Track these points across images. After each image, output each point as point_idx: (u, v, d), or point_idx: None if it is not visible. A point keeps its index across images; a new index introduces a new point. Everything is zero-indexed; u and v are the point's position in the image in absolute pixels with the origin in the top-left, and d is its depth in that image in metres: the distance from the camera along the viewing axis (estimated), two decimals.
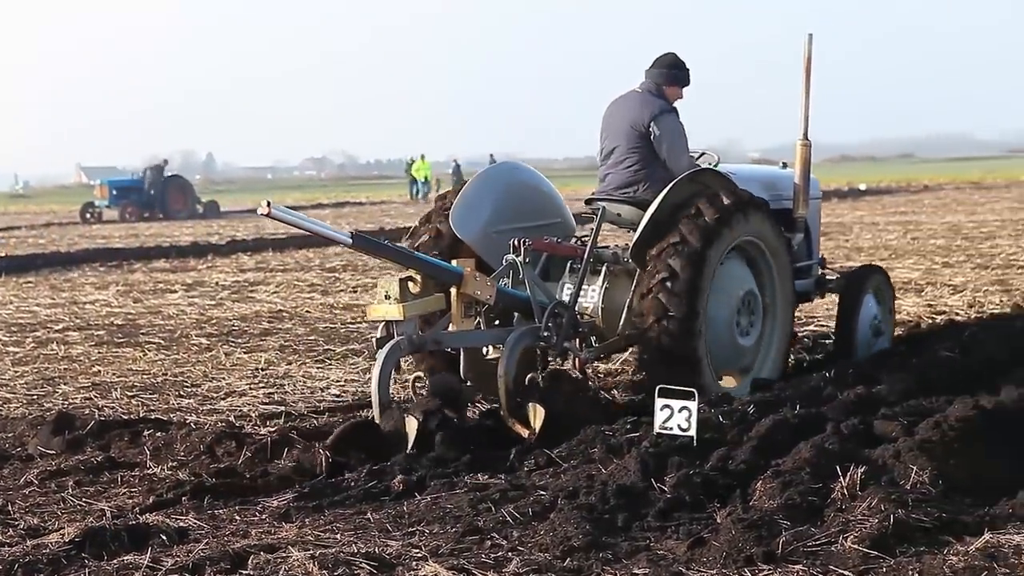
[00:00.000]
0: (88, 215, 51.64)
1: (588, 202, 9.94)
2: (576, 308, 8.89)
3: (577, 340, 8.88)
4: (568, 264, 9.55)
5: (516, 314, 8.90)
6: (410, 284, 8.18)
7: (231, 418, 9.24)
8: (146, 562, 5.68)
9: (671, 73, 9.71)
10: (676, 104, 9.76)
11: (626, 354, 10.16)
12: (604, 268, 9.49)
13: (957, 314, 13.50)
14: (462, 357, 8.49)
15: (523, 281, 8.75)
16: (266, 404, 9.81)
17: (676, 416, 7.19)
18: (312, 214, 50.38)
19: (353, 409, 9.46)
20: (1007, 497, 6.24)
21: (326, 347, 12.66)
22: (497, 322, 8.93)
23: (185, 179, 54.99)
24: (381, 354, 7.99)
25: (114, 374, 11.50)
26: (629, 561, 5.60)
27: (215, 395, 10.29)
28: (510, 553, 5.78)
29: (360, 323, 14.43)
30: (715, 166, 9.82)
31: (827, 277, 10.95)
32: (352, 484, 7.09)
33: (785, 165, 10.96)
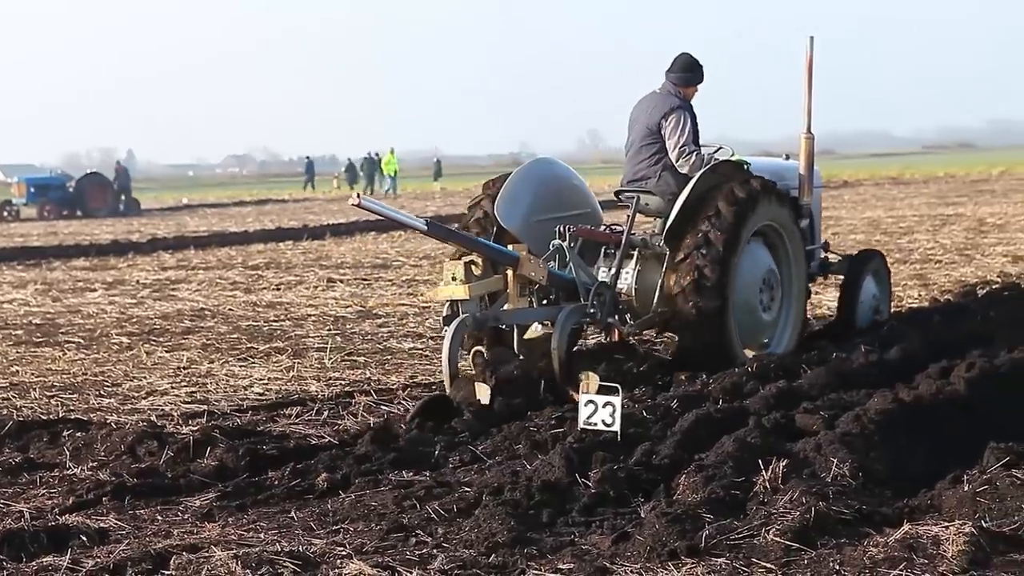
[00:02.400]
0: (5, 213, 50.91)
1: (617, 194, 10.80)
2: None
3: (616, 316, 9.95)
4: (602, 249, 10.41)
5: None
6: (472, 267, 9.12)
7: (152, 417, 9.13)
8: (66, 563, 5.61)
9: (683, 76, 10.60)
10: (693, 100, 10.60)
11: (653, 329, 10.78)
12: (636, 252, 10.33)
13: None
14: (515, 333, 9.38)
15: (568, 264, 9.74)
16: (188, 403, 9.71)
17: (600, 411, 7.23)
18: (234, 212, 50.13)
19: (278, 407, 9.38)
20: (925, 489, 6.33)
21: (249, 345, 12.57)
22: (545, 301, 9.75)
23: (105, 176, 54.28)
24: (449, 330, 8.86)
25: (33, 374, 11.34)
26: (554, 556, 5.61)
27: (136, 394, 10.18)
28: (435, 550, 5.77)
29: (284, 321, 14.36)
30: (731, 158, 10.59)
31: (830, 260, 11.83)
32: (275, 483, 7.06)
33: (788, 157, 11.90)
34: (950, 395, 8.01)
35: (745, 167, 10.51)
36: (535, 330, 9.83)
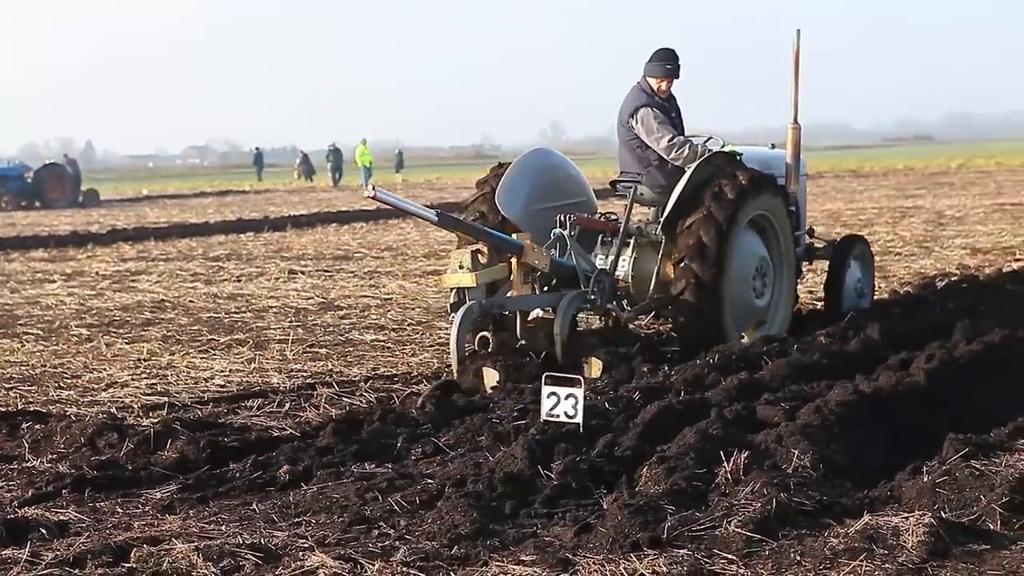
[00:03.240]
0: None
1: (613, 183, 11.15)
2: None
3: (615, 302, 10.36)
4: (599, 237, 10.79)
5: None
6: (479, 256, 9.52)
7: (113, 409, 9.08)
8: (25, 556, 5.58)
9: (656, 67, 10.88)
10: (669, 90, 10.94)
11: (649, 317, 11.26)
12: (632, 240, 10.74)
13: None
14: (518, 319, 9.76)
15: (568, 252, 10.13)
16: (149, 395, 9.66)
17: (563, 403, 7.22)
18: (194, 203, 49.88)
19: (239, 399, 9.34)
20: (885, 480, 6.37)
21: (210, 337, 12.51)
22: (546, 288, 10.12)
23: (63, 167, 53.88)
24: (457, 317, 9.29)
25: None
26: (516, 548, 5.61)
27: (96, 386, 10.11)
28: (397, 542, 5.77)
29: (245, 312, 14.30)
30: (722, 148, 10.92)
31: (816, 245, 12.18)
32: (237, 475, 7.04)
33: (773, 146, 12.18)
34: (910, 386, 8.05)
35: (738, 157, 10.77)
36: (535, 315, 10.20)
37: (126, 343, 12.28)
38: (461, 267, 9.47)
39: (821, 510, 5.88)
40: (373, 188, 9.28)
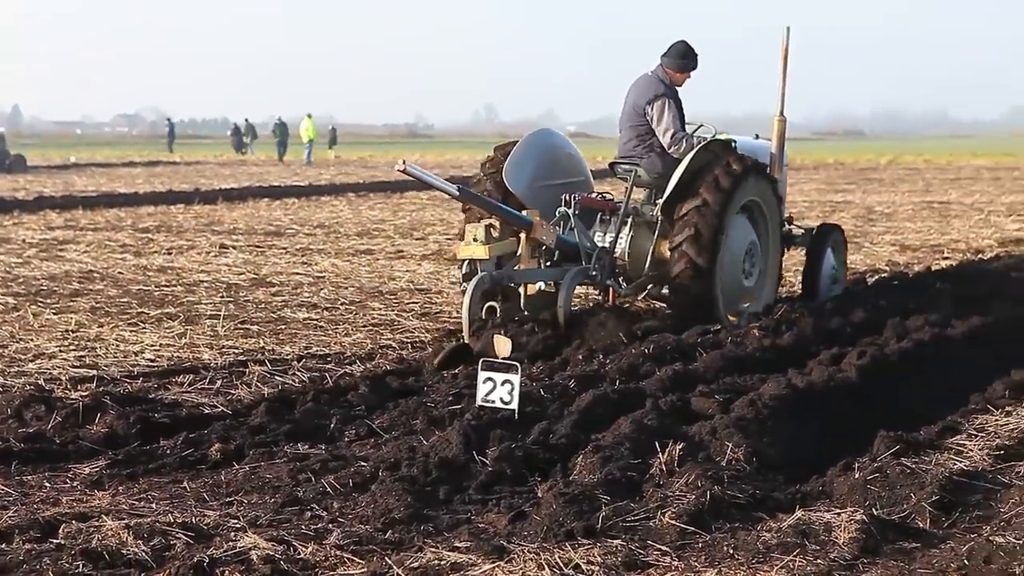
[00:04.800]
0: None
1: (611, 165, 11.78)
2: None
3: (613, 279, 10.99)
4: (598, 215, 11.39)
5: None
6: (491, 230, 10.10)
7: (40, 381, 8.92)
8: None
9: (676, 62, 11.52)
10: (685, 84, 11.58)
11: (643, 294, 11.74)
12: (630, 220, 11.32)
13: None
14: (522, 291, 10.35)
15: (572, 229, 10.80)
16: (77, 367, 9.51)
17: (499, 389, 7.22)
18: (123, 172, 49.28)
19: (169, 374, 9.23)
20: (817, 475, 6.42)
21: (140, 310, 12.36)
22: (549, 263, 10.67)
23: None
24: (470, 286, 9.85)
25: None
26: (451, 534, 5.59)
27: (23, 357, 9.94)
28: (331, 524, 5.73)
29: (175, 286, 14.15)
30: (715, 136, 11.50)
31: (794, 232, 12.64)
32: (167, 452, 6.96)
33: (758, 136, 12.73)
34: (841, 382, 8.14)
35: (732, 145, 11.39)
36: (537, 288, 10.73)
37: (53, 313, 12.10)
38: (475, 240, 10.06)
39: (754, 504, 5.93)
40: (403, 162, 9.72)
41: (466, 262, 10.29)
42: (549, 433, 6.94)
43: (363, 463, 6.62)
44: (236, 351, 10.22)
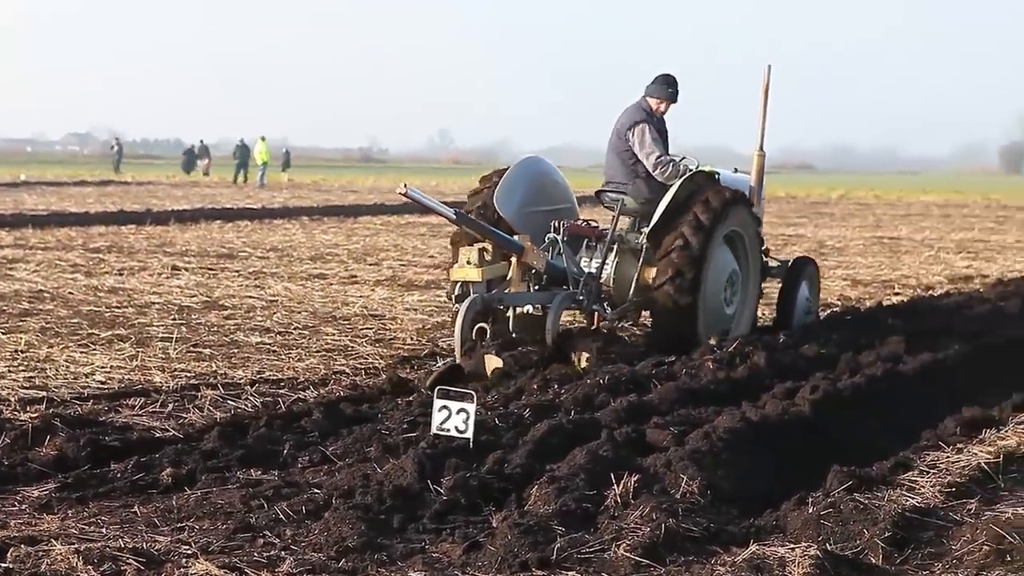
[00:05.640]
0: None
1: (598, 193, 12.17)
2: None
3: (599, 304, 11.30)
4: (584, 242, 11.74)
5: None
6: (484, 253, 10.45)
7: None
8: None
9: (656, 89, 11.96)
10: (667, 114, 12.02)
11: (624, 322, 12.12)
12: (615, 247, 11.66)
13: None
14: (512, 314, 10.59)
15: (560, 255, 11.14)
16: (26, 388, 9.40)
17: (454, 418, 7.19)
18: (74, 191, 48.92)
19: (120, 397, 9.13)
20: (771, 508, 6.44)
21: (90, 331, 12.25)
22: (537, 287, 10.97)
23: None
24: (462, 307, 10.09)
25: None
26: (404, 563, 5.57)
27: None
28: (283, 552, 5.69)
29: (127, 307, 14.04)
30: (698, 168, 11.78)
31: (770, 264, 12.86)
32: (118, 476, 6.88)
33: (736, 170, 13.00)
34: (795, 416, 8.16)
35: (716, 177, 11.81)
36: (525, 311, 10.96)
37: (2, 333, 11.96)
38: (468, 262, 10.42)
39: (708, 537, 5.92)
40: (405, 185, 9.94)
41: (458, 284, 10.51)
42: (504, 463, 6.92)
43: (316, 490, 6.57)
44: (188, 374, 10.14)
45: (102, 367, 10.34)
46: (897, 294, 17.78)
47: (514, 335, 10.45)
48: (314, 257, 21.39)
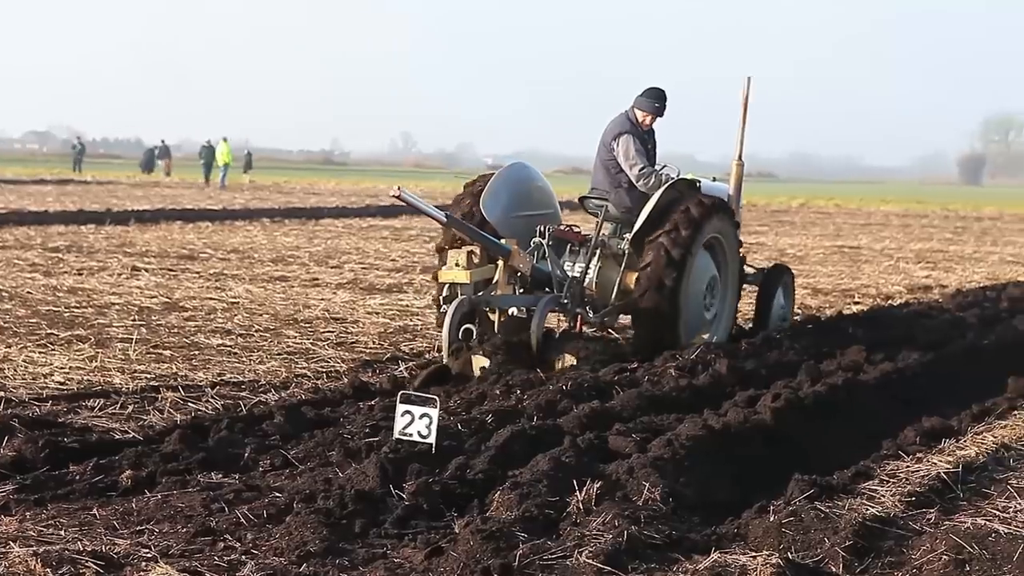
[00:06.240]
0: None
1: (582, 200, 12.37)
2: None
3: (582, 307, 11.57)
4: (568, 246, 12.00)
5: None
6: (472, 256, 10.63)
7: None
8: None
9: (642, 102, 12.16)
10: (654, 126, 12.25)
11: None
12: (598, 252, 11.93)
13: None
14: (498, 316, 10.79)
15: (545, 259, 11.41)
16: None
17: (416, 423, 7.17)
18: (33, 190, 48.57)
19: (79, 398, 9.06)
20: (732, 517, 6.44)
21: (49, 331, 12.16)
22: (522, 290, 11.18)
23: None
24: (450, 309, 10.35)
25: None
26: (366, 568, 5.54)
27: None
28: (244, 556, 5.66)
29: (86, 308, 13.93)
30: (678, 176, 12.08)
31: (747, 271, 13.19)
32: (77, 478, 6.83)
33: (715, 179, 13.16)
34: (756, 424, 8.18)
35: (697, 185, 12.08)
36: (511, 313, 11.17)
37: None
38: (457, 265, 10.59)
39: (670, 544, 5.92)
40: (399, 188, 10.10)
41: (446, 286, 10.76)
42: (467, 468, 6.90)
43: (278, 494, 6.54)
44: (148, 376, 10.08)
45: (61, 368, 10.27)
46: (857, 303, 17.87)
47: (499, 336, 10.60)
48: (275, 259, 21.31)
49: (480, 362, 10.00)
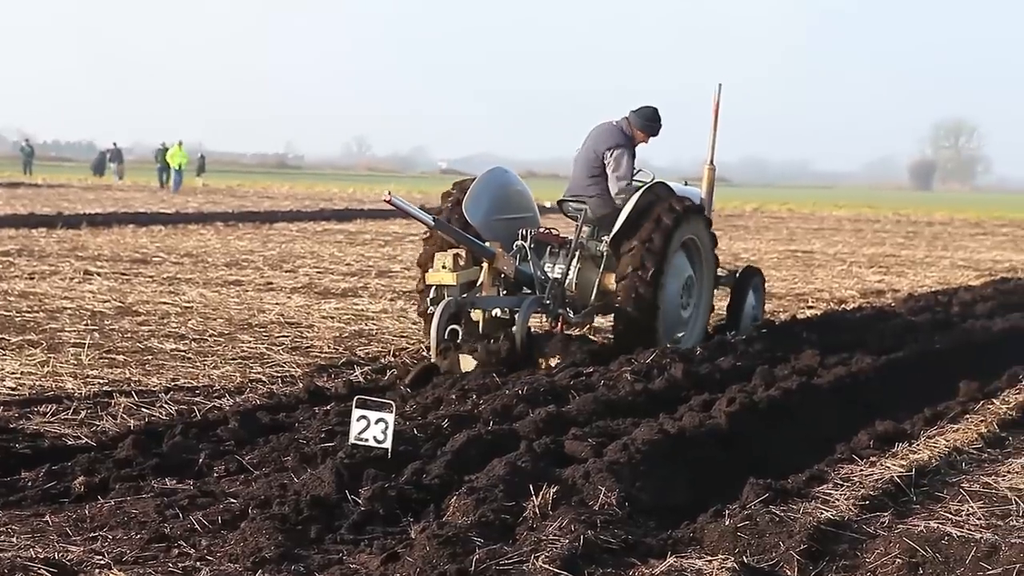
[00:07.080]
0: None
1: (560, 203, 12.67)
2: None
3: (563, 308, 11.93)
4: (548, 249, 12.29)
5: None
6: (458, 258, 10.95)
7: None
8: None
9: (641, 122, 12.51)
10: (642, 144, 12.56)
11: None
12: (578, 254, 12.25)
13: None
14: (482, 316, 11.11)
15: (527, 260, 11.75)
16: None
17: (372, 428, 7.15)
18: None
19: (31, 404, 8.97)
20: (688, 521, 6.46)
21: None
22: (505, 292, 11.52)
23: None
24: (437, 309, 10.70)
25: None
26: (322, 574, 5.53)
27: None
28: (199, 563, 5.63)
29: (37, 312, 13.82)
30: (654, 180, 12.40)
31: (719, 273, 13.44)
32: (29, 484, 6.78)
33: (687, 183, 13.62)
34: (711, 428, 8.21)
35: (672, 189, 12.37)
36: (494, 314, 11.47)
37: None
38: (444, 267, 10.89)
39: (626, 549, 5.92)
40: (389, 193, 10.49)
41: (433, 287, 11.00)
42: (422, 473, 6.90)
43: (233, 500, 6.51)
44: (101, 381, 10.00)
45: (12, 373, 10.17)
46: (811, 307, 17.97)
47: (484, 335, 10.93)
48: (229, 263, 21.21)
49: (467, 361, 10.35)
